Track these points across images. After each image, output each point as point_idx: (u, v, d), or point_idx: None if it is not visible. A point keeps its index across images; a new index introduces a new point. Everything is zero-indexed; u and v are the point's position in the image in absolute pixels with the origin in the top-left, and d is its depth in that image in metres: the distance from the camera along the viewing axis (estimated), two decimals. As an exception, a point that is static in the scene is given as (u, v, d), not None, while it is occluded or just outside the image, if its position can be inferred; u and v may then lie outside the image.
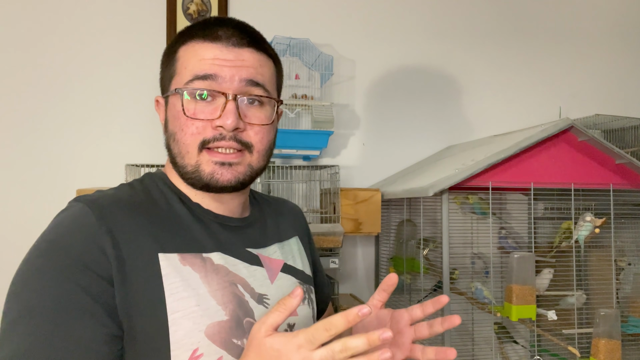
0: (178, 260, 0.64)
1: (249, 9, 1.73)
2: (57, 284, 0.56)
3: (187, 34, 0.70)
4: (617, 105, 2.05)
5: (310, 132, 1.61)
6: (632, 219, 1.57)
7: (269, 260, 0.75)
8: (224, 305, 0.65)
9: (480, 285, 1.43)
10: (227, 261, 0.68)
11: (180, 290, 0.62)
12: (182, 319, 0.61)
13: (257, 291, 0.70)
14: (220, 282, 0.66)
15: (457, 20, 1.94)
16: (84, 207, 0.61)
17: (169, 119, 0.70)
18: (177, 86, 0.68)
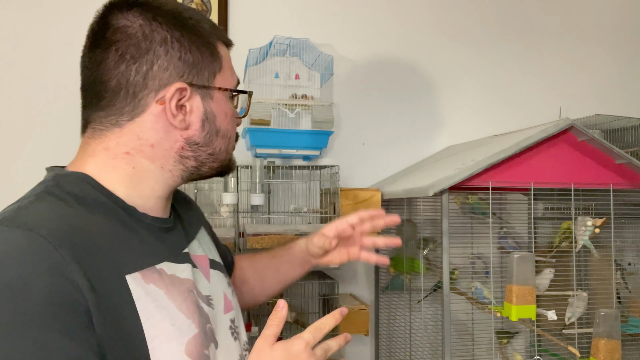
0: (141, 279, 0.58)
1: (249, 9, 1.73)
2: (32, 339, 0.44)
3: (220, 33, 0.69)
4: (617, 105, 2.05)
5: (310, 132, 1.60)
6: (632, 219, 1.57)
7: (198, 258, 0.71)
8: (192, 318, 0.62)
9: (480, 285, 1.43)
10: (175, 269, 0.64)
11: (154, 312, 0.57)
12: (161, 344, 0.57)
13: (203, 293, 0.67)
14: (181, 294, 0.62)
15: (458, 20, 1.94)
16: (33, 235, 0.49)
17: (217, 114, 0.67)
18: (226, 85, 0.68)
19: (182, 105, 0.64)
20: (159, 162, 0.64)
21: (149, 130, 0.63)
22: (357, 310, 1.52)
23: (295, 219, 1.64)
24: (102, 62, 0.62)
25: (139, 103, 0.62)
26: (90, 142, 0.64)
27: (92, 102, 0.64)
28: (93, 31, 0.64)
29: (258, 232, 1.41)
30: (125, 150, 0.63)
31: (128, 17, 0.62)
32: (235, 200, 1.46)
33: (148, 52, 0.61)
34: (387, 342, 1.75)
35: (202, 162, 0.68)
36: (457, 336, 1.70)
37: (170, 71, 0.62)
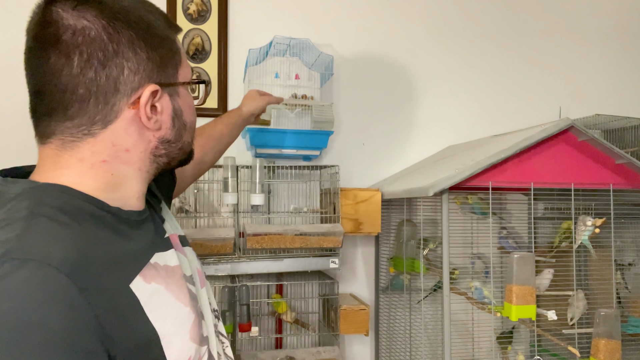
0: (143, 281, 0.59)
1: (249, 9, 1.73)
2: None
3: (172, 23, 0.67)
4: (617, 105, 2.05)
5: (310, 132, 1.60)
6: (632, 219, 1.57)
7: (173, 238, 0.71)
8: (189, 305, 0.64)
9: (479, 285, 1.43)
10: (165, 259, 0.65)
11: (160, 311, 0.59)
12: (171, 338, 0.59)
13: (187, 274, 0.69)
14: (176, 283, 0.64)
15: (458, 20, 1.94)
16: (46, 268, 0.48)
17: (184, 109, 0.67)
18: (186, 78, 0.68)
19: (154, 106, 0.62)
20: (136, 165, 0.64)
21: (124, 135, 0.61)
22: (357, 310, 1.52)
23: (295, 219, 1.64)
24: (64, 69, 0.56)
25: (112, 109, 0.59)
26: (61, 154, 0.60)
27: (54, 112, 0.58)
28: (41, 31, 0.57)
29: (258, 232, 1.41)
30: (102, 158, 0.60)
31: (87, 17, 0.57)
32: (235, 200, 1.46)
33: (117, 55, 0.58)
34: (387, 342, 1.75)
35: (172, 157, 0.68)
36: (457, 336, 1.70)
37: (141, 73, 0.60)
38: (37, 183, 0.58)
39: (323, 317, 1.65)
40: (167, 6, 1.65)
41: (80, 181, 0.59)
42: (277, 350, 1.56)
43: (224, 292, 1.45)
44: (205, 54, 1.67)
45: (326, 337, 1.62)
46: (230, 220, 1.52)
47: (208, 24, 1.68)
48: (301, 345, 1.66)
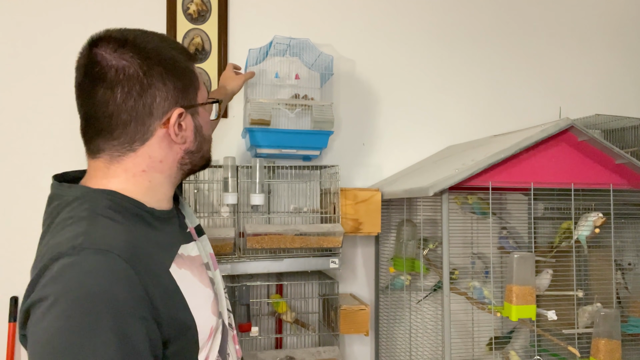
0: (177, 267, 0.73)
1: (249, 9, 1.73)
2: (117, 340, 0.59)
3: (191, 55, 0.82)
4: (617, 105, 2.05)
5: (310, 132, 1.59)
6: (632, 219, 1.57)
7: (191, 231, 0.87)
8: (209, 287, 0.80)
9: (479, 285, 1.43)
10: (188, 250, 0.80)
11: (190, 290, 0.74)
12: (199, 311, 0.74)
13: (204, 261, 0.83)
14: (197, 269, 0.79)
15: (458, 20, 1.94)
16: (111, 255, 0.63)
17: (203, 125, 0.82)
18: (203, 99, 0.82)
19: (180, 125, 0.77)
20: (167, 172, 0.79)
21: (157, 149, 0.76)
22: (357, 310, 1.52)
23: (295, 219, 1.64)
24: (110, 100, 0.71)
25: (148, 129, 0.74)
26: (109, 166, 0.75)
27: (103, 133, 0.74)
28: (89, 69, 0.72)
29: (258, 232, 1.41)
30: (142, 169, 0.76)
31: (125, 58, 0.71)
32: (235, 200, 1.46)
33: (150, 87, 0.73)
34: (387, 342, 1.75)
35: (194, 164, 0.83)
36: (457, 336, 1.70)
37: (169, 100, 0.75)
38: (90, 188, 0.73)
39: (323, 317, 1.65)
40: (167, 6, 1.65)
41: (126, 187, 0.74)
42: (277, 350, 1.56)
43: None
44: (205, 54, 1.67)
45: (326, 337, 1.62)
46: (230, 220, 1.52)
47: (208, 24, 1.68)
48: (301, 345, 1.66)
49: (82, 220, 0.67)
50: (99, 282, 0.60)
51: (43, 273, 0.62)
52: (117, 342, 0.59)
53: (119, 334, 0.59)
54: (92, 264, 0.61)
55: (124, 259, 0.63)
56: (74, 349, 0.57)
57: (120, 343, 0.59)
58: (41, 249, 0.68)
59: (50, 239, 0.67)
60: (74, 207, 0.70)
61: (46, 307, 0.58)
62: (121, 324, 0.60)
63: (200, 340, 0.74)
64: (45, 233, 0.70)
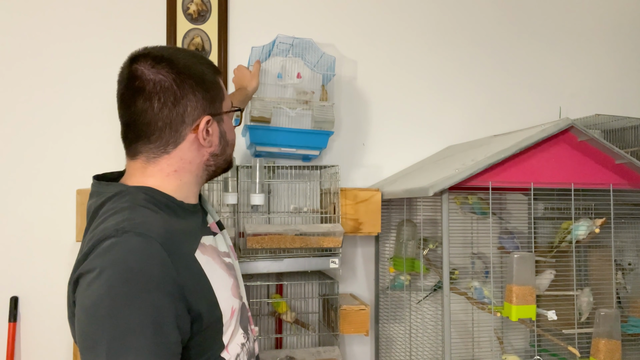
0: (201, 253, 0.83)
1: (249, 9, 1.73)
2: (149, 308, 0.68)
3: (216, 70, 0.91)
4: (617, 105, 2.05)
5: (310, 131, 1.59)
6: (632, 219, 1.57)
7: (212, 226, 0.96)
8: (228, 273, 0.89)
9: (478, 285, 1.43)
10: (208, 240, 0.88)
11: (213, 273, 0.83)
12: (221, 292, 0.83)
13: (222, 250, 0.92)
14: (217, 257, 0.88)
15: (458, 20, 1.94)
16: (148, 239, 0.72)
17: (227, 131, 0.92)
18: (227, 108, 0.92)
19: (207, 130, 0.86)
20: (195, 172, 0.88)
21: (188, 152, 0.86)
22: (357, 310, 1.52)
23: (295, 219, 1.64)
24: (148, 109, 0.81)
25: (180, 135, 0.84)
26: (147, 167, 0.85)
27: (141, 138, 0.83)
28: (130, 82, 0.82)
29: (258, 232, 1.41)
30: (174, 169, 0.85)
31: (161, 72, 0.81)
32: (235, 200, 1.46)
33: (183, 98, 0.83)
34: (387, 342, 1.75)
35: (218, 166, 0.93)
36: (457, 336, 1.70)
37: (199, 109, 0.85)
38: (129, 185, 0.83)
39: (323, 317, 1.65)
40: (167, 6, 1.65)
41: (161, 184, 0.84)
42: (277, 350, 1.56)
43: (224, 292, 1.45)
44: (205, 54, 1.67)
45: (326, 337, 1.62)
46: (230, 220, 1.52)
47: (208, 24, 1.68)
48: (301, 345, 1.66)
49: (125, 210, 0.77)
50: (138, 260, 0.70)
51: (92, 250, 0.71)
52: (149, 311, 0.68)
53: (152, 305, 0.69)
54: (133, 244, 0.71)
55: (160, 242, 0.73)
56: (113, 313, 0.67)
57: (152, 312, 0.68)
58: (87, 237, 0.78)
59: (96, 227, 0.76)
60: (115, 200, 0.80)
61: (93, 277, 0.69)
62: (154, 297, 0.69)
63: (224, 318, 0.83)
64: (90, 224, 0.80)
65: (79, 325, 0.70)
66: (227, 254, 0.94)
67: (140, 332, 0.68)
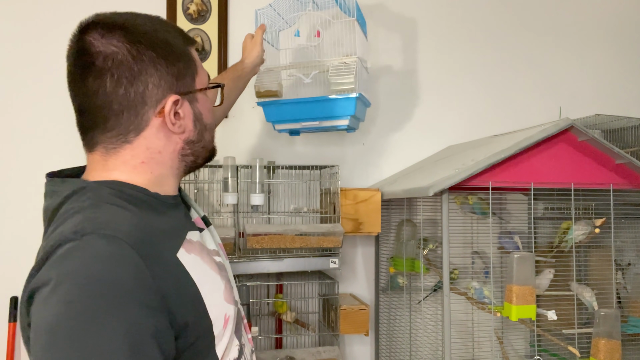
0: (185, 252, 0.70)
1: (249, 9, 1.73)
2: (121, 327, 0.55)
3: (188, 39, 0.77)
4: (617, 105, 2.05)
5: (327, 99, 1.33)
6: (632, 219, 1.57)
7: (197, 221, 0.83)
8: (219, 274, 0.77)
9: (478, 285, 1.43)
10: (195, 236, 0.76)
11: (201, 276, 0.70)
12: (211, 299, 0.71)
13: (211, 248, 0.80)
14: (207, 256, 0.75)
15: (457, 19, 1.94)
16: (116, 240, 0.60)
17: (204, 113, 0.78)
18: (203, 85, 0.77)
19: (177, 113, 0.73)
20: (168, 164, 0.75)
21: (155, 140, 0.72)
22: (357, 310, 1.52)
23: (295, 219, 1.64)
24: (100, 89, 0.67)
25: (142, 119, 0.70)
26: (107, 159, 0.71)
27: (96, 125, 0.70)
28: (78, 58, 0.68)
29: (258, 232, 1.41)
30: (141, 160, 0.72)
31: (113, 43, 0.67)
32: (235, 200, 1.46)
33: (141, 73, 0.69)
34: (387, 342, 1.75)
35: (197, 155, 0.79)
36: (457, 336, 1.70)
37: (162, 86, 0.70)
38: (90, 181, 0.70)
39: (323, 317, 1.65)
40: (167, 6, 1.65)
41: (129, 178, 0.71)
42: (277, 350, 1.56)
43: (224, 292, 1.45)
44: (205, 54, 1.68)
45: (326, 337, 1.62)
46: (230, 220, 1.52)
47: (208, 24, 1.68)
48: (301, 345, 1.66)
49: (85, 209, 0.64)
50: (104, 267, 0.57)
51: (46, 258, 0.59)
52: (122, 330, 0.55)
53: (124, 323, 0.56)
54: (97, 248, 0.58)
55: (130, 244, 0.60)
56: (76, 336, 0.53)
57: (125, 332, 0.55)
58: (41, 245, 0.65)
59: (52, 231, 0.63)
60: (74, 199, 0.67)
61: (48, 292, 0.56)
62: (127, 312, 0.56)
63: (215, 328, 0.70)
64: (46, 230, 0.68)
65: (34, 352, 0.56)
66: (216, 252, 0.81)
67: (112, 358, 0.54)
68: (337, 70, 1.29)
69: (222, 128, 1.68)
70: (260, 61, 1.31)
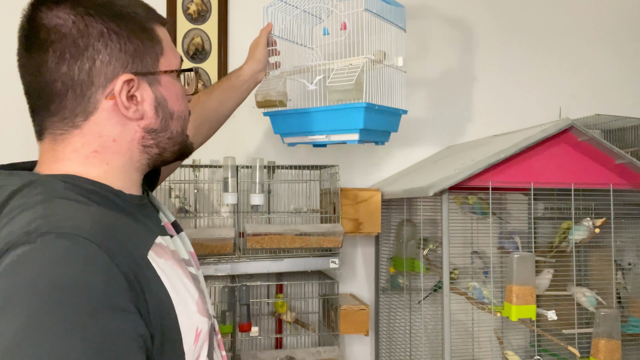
0: (155, 256, 0.62)
1: (249, 9, 1.73)
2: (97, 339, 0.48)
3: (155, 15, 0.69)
4: (617, 105, 2.05)
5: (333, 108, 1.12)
6: (632, 219, 1.57)
7: (167, 226, 0.74)
8: (192, 283, 0.68)
9: (478, 285, 1.43)
10: (165, 242, 0.68)
11: (173, 282, 0.63)
12: (184, 308, 0.63)
13: (184, 258, 0.72)
14: (178, 264, 0.67)
15: (457, 19, 1.94)
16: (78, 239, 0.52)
17: (168, 98, 0.68)
18: (170, 67, 0.69)
19: (133, 96, 0.64)
20: (127, 155, 0.66)
21: (107, 126, 0.63)
22: (357, 310, 1.52)
23: (295, 219, 1.64)
24: (42, 66, 0.60)
25: (89, 101, 0.62)
26: (55, 147, 0.63)
27: (42, 108, 0.62)
28: (24, 33, 0.62)
29: (258, 232, 1.41)
30: (93, 149, 0.63)
31: (59, 15, 0.60)
32: (235, 200, 1.46)
33: (87, 49, 0.61)
34: (387, 342, 1.75)
35: (163, 147, 0.69)
36: (457, 336, 1.70)
37: (113, 64, 0.62)
38: (40, 174, 0.62)
39: (323, 317, 1.65)
40: (167, 6, 1.65)
41: (82, 170, 0.63)
42: (277, 350, 1.56)
43: (224, 292, 1.45)
44: (205, 54, 1.67)
45: (326, 337, 1.62)
46: (230, 220, 1.52)
47: (208, 24, 1.68)
48: (301, 345, 1.66)
49: (37, 205, 0.55)
50: (66, 271, 0.49)
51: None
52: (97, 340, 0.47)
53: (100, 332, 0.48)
54: (56, 250, 0.50)
55: (95, 242, 0.52)
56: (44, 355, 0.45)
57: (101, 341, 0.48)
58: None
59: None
60: (22, 194, 0.58)
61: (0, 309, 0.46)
62: (99, 320, 0.48)
63: (185, 344, 0.62)
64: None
65: None
66: (189, 262, 0.72)
67: None
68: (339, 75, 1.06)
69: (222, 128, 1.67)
70: (263, 66, 1.17)
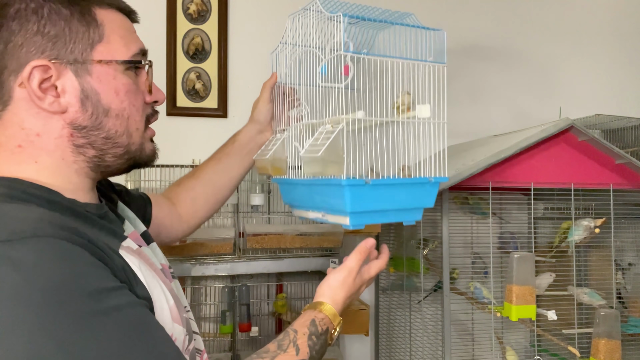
0: (126, 252, 0.59)
1: (249, 9, 1.73)
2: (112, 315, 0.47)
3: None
4: (617, 105, 2.05)
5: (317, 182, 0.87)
6: (632, 219, 1.57)
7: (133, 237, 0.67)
8: (168, 288, 0.64)
9: (479, 285, 1.43)
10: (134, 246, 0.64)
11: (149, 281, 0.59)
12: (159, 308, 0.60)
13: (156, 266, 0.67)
14: (150, 268, 0.63)
15: (457, 19, 1.94)
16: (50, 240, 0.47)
17: (100, 91, 0.59)
18: (111, 57, 0.60)
19: (53, 86, 0.57)
20: (57, 153, 0.59)
21: (28, 117, 0.57)
22: (357, 310, 1.52)
23: (295, 218, 1.64)
24: None
25: (3, 88, 0.56)
26: None
27: None
28: None
29: (258, 232, 1.41)
30: (17, 143, 0.57)
31: None
32: (235, 200, 1.46)
33: (1, 29, 0.55)
34: (387, 342, 1.75)
35: (101, 149, 0.61)
36: (457, 336, 1.70)
37: (26, 48, 0.55)
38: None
39: (323, 317, 1.65)
40: (167, 6, 1.65)
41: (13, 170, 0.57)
42: (277, 350, 1.56)
43: (224, 292, 1.45)
44: (205, 54, 1.67)
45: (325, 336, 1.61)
46: (230, 220, 1.52)
47: (208, 24, 1.68)
48: (301, 345, 1.66)
49: None
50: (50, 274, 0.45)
51: None
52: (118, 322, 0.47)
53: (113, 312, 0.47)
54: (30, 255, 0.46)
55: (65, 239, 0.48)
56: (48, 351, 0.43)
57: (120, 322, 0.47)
58: None
59: None
60: None
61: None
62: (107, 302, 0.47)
63: None
64: None
65: None
66: (160, 272, 0.66)
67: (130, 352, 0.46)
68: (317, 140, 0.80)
69: (222, 128, 1.68)
70: (264, 126, 0.99)
